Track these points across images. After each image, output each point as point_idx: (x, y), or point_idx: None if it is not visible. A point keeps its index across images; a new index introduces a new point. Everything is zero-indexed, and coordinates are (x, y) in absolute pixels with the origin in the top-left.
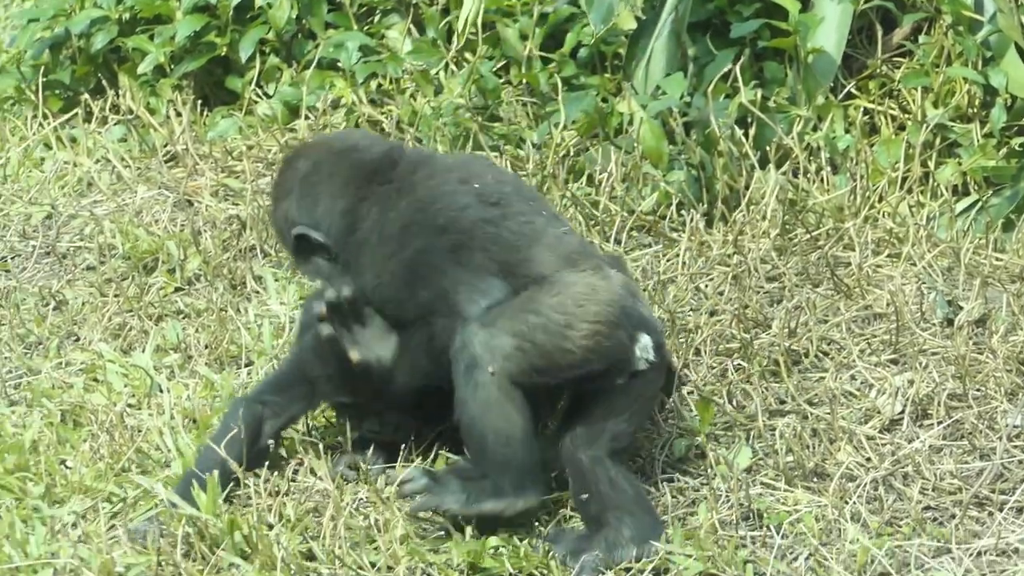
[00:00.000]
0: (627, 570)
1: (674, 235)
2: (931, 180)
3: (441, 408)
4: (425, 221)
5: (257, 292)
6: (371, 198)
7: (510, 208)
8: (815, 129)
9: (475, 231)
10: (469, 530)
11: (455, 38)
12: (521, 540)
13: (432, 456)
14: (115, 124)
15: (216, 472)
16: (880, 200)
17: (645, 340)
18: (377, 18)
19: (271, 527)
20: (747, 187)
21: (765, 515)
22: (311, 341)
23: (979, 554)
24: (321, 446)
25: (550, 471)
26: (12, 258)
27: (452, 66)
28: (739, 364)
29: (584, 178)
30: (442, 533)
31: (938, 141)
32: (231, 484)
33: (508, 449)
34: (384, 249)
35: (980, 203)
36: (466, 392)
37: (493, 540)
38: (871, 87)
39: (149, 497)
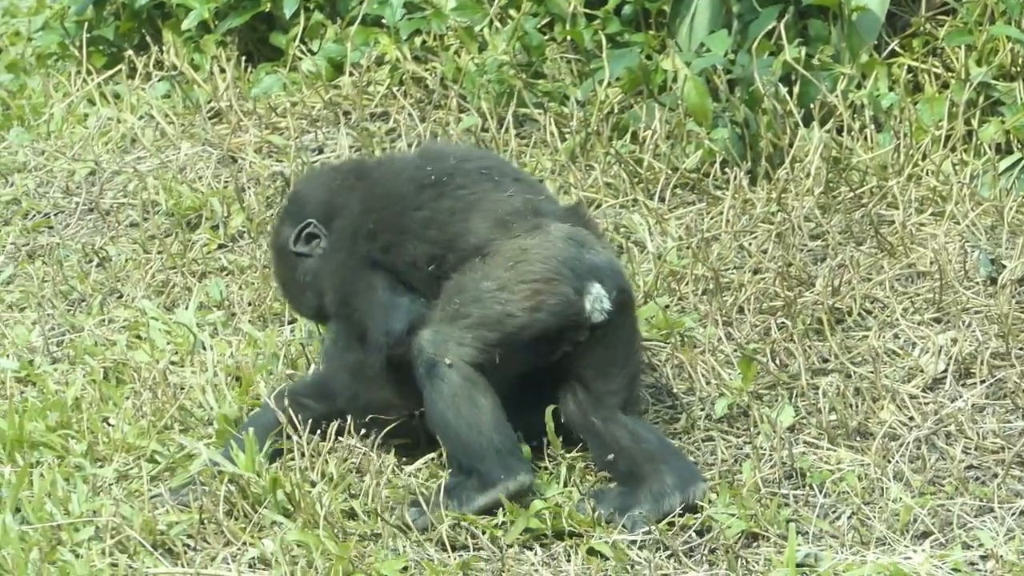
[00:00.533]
0: (671, 524)
1: (718, 193)
2: (974, 138)
3: None
4: (362, 227)
5: None
6: (344, 194)
7: (451, 184)
8: (859, 87)
9: (405, 223)
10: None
11: None
12: (565, 501)
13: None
14: (159, 80)
15: (254, 432)
16: (924, 158)
17: (596, 290)
18: None
19: (313, 485)
20: (791, 145)
21: (808, 474)
22: (348, 364)
23: (1021, 513)
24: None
25: (529, 452)
26: (55, 214)
27: (496, 23)
28: (782, 322)
29: (628, 135)
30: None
31: (981, 99)
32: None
33: (482, 436)
34: (334, 258)
35: (1023, 161)
36: (431, 393)
37: (538, 503)
38: (915, 45)
39: (191, 456)
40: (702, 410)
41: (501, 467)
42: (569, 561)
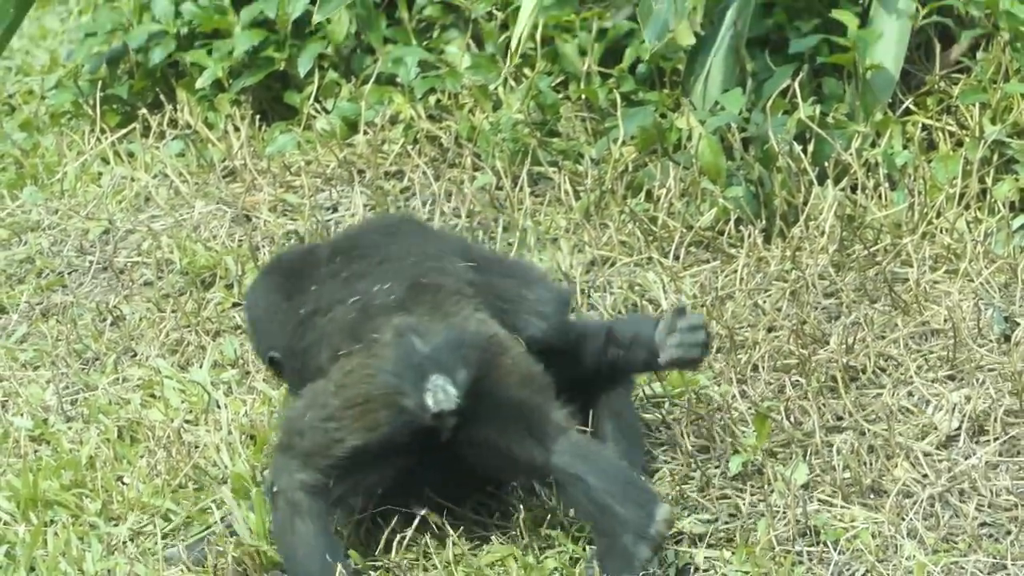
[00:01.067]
0: (682, 573)
1: (732, 251)
2: (988, 196)
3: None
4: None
5: None
6: (279, 328)
7: (317, 307)
8: (873, 145)
9: (297, 369)
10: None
11: (510, 54)
12: (575, 563)
13: None
14: (173, 139)
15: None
16: (938, 216)
17: (433, 383)
18: (436, 33)
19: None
20: (805, 203)
21: (822, 531)
22: None
23: None
24: None
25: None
26: (69, 273)
27: (511, 81)
28: (797, 380)
29: (643, 194)
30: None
31: (996, 157)
32: None
33: (295, 564)
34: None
35: None
36: (271, 519)
37: (551, 562)
38: (929, 103)
39: (204, 512)
40: (717, 467)
41: None
42: None
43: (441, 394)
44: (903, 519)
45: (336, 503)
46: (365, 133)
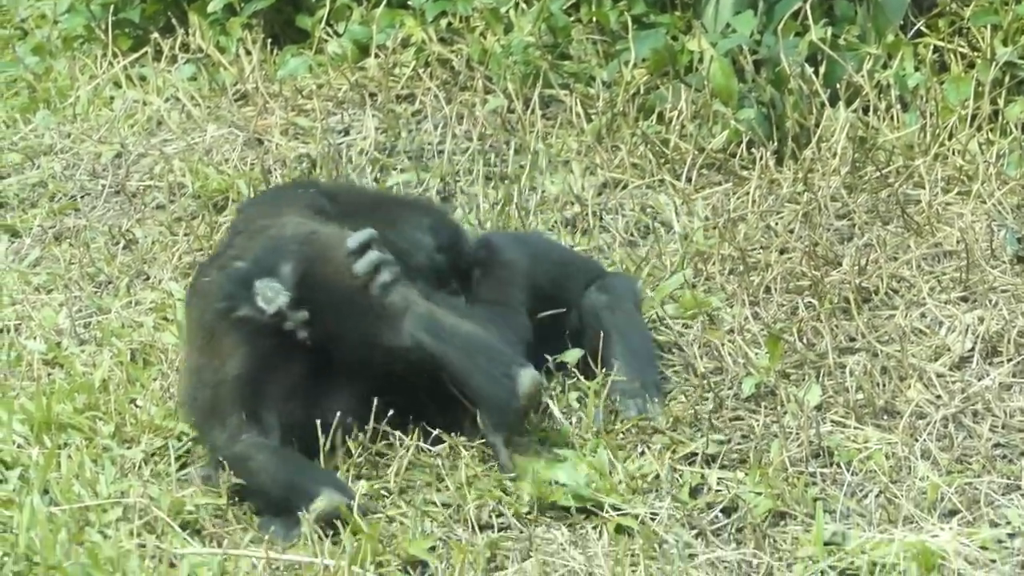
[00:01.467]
0: (695, 493)
1: (744, 173)
2: (1000, 118)
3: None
4: None
5: None
6: None
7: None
8: (885, 67)
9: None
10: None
11: None
12: (588, 485)
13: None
14: (185, 63)
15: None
16: (950, 138)
17: (260, 286)
18: None
19: (337, 469)
20: (817, 125)
21: (835, 452)
22: None
23: None
24: None
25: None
26: (82, 197)
27: (522, 4)
28: (809, 302)
29: (654, 116)
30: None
31: (1007, 79)
32: None
33: (272, 493)
34: None
35: None
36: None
37: (561, 475)
38: (941, 25)
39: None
40: (730, 389)
41: (301, 501)
42: (600, 538)
43: (269, 292)
44: (916, 440)
45: (270, 434)
46: (376, 56)
